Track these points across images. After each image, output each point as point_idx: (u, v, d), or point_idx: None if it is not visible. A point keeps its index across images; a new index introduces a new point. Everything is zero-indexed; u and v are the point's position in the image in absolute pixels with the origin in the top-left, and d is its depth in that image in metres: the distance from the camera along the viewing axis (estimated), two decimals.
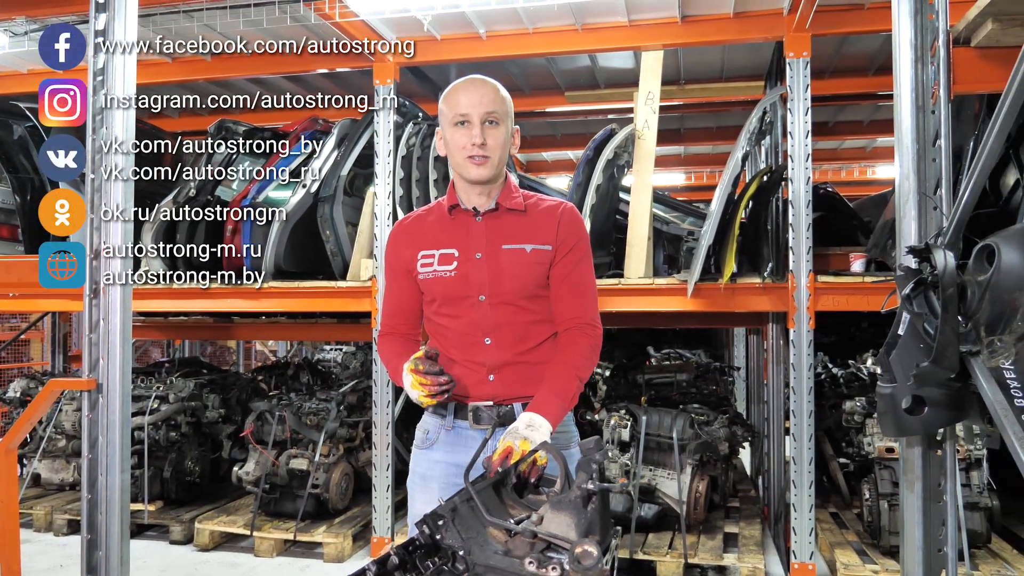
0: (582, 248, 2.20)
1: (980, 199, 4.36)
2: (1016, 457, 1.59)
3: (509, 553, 1.47)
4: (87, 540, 2.61)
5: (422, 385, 1.94)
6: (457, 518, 1.50)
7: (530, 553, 1.45)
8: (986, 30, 2.12)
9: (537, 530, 1.49)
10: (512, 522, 1.53)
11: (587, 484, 1.48)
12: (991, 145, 1.62)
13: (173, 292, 4.95)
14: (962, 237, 1.93)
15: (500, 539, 1.52)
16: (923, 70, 2.13)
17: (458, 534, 1.48)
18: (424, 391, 1.95)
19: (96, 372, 2.62)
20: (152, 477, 5.09)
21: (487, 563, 1.45)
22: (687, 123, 7.00)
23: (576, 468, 1.53)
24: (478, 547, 1.47)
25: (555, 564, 1.40)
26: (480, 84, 2.13)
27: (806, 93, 4.25)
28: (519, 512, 1.68)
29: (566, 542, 1.43)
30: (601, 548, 1.50)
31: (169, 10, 3.92)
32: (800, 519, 4.25)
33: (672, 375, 5.88)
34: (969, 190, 1.73)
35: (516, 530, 1.50)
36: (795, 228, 4.25)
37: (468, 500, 1.54)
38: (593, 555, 1.35)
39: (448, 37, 4.68)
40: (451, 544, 1.47)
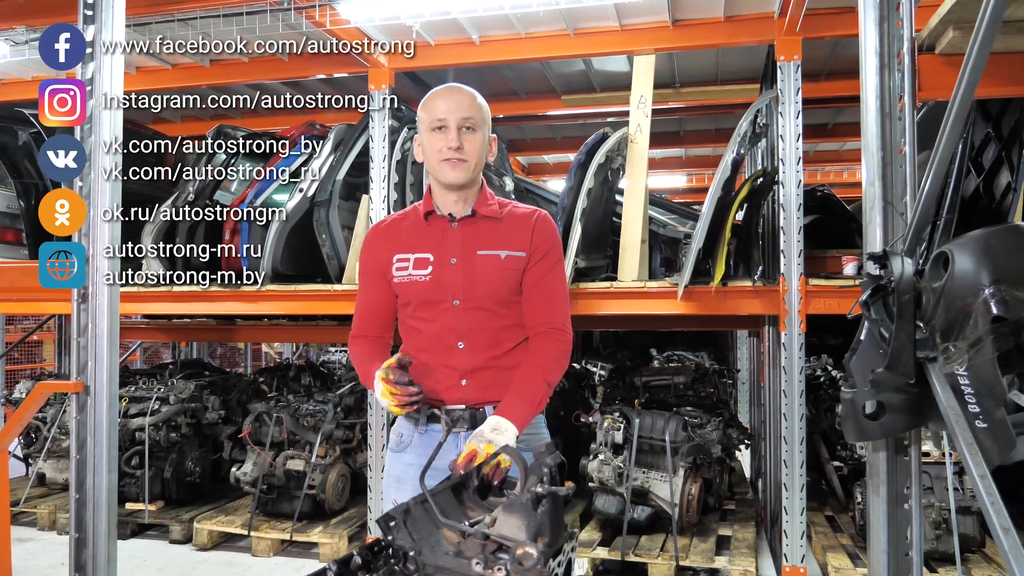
0: (554, 255, 2.24)
1: (974, 202, 4.36)
2: (964, 461, 1.61)
3: (461, 554, 1.51)
4: (75, 539, 2.67)
5: (392, 395, 1.97)
6: (409, 519, 1.54)
7: (481, 554, 1.48)
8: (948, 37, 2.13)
9: (489, 532, 1.52)
10: (467, 524, 1.57)
11: (536, 487, 1.51)
12: (941, 152, 1.64)
13: (173, 295, 5.02)
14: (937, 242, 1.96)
15: (453, 540, 1.55)
16: (889, 77, 2.15)
17: (409, 535, 1.52)
18: (394, 400, 1.98)
19: (84, 375, 2.68)
20: (153, 477, 5.16)
21: (436, 563, 1.49)
22: (686, 126, 7.01)
23: (524, 471, 1.56)
24: (428, 548, 1.51)
25: (501, 565, 1.43)
26: (457, 91, 2.18)
27: (797, 96, 4.26)
28: (479, 514, 1.71)
29: (516, 543, 1.47)
30: (551, 550, 1.53)
31: (164, 18, 3.98)
32: (792, 522, 4.26)
33: (669, 378, 5.90)
34: (923, 197, 1.75)
35: (469, 532, 1.54)
36: (786, 231, 4.26)
37: (423, 502, 1.58)
38: (533, 556, 1.38)
39: (442, 42, 4.73)
40: (402, 545, 1.50)
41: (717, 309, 4.36)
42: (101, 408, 2.66)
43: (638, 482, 4.58)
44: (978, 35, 1.37)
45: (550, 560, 1.52)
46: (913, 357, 1.79)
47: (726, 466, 5.18)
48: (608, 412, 4.79)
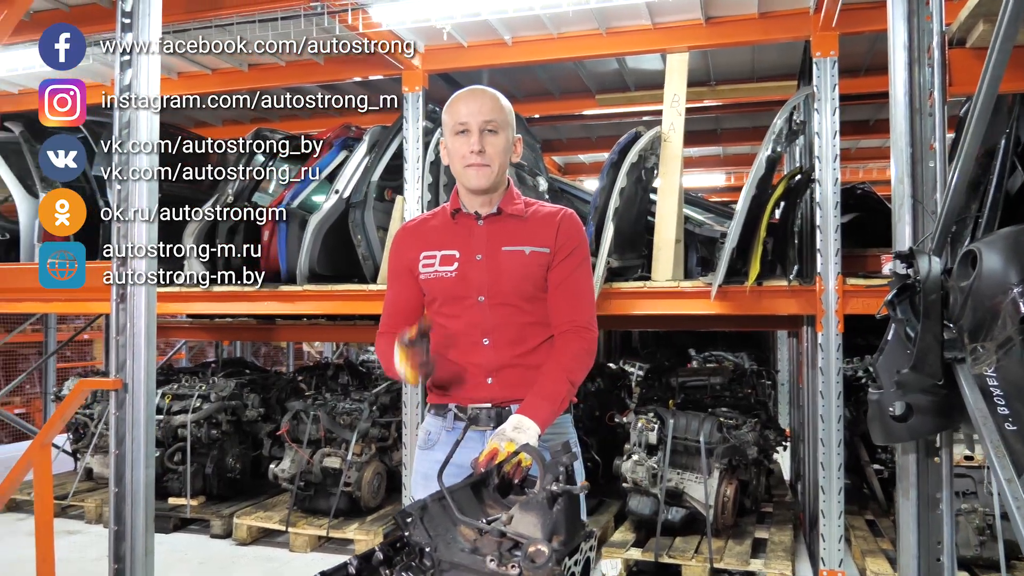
0: (580, 253, 2.24)
1: (1021, 199, 4.24)
2: (991, 465, 1.58)
3: (477, 551, 1.52)
4: (115, 532, 2.75)
5: (406, 359, 1.98)
6: (426, 516, 1.56)
7: (496, 551, 1.50)
8: (978, 31, 2.08)
9: (505, 529, 1.53)
10: (484, 521, 1.58)
11: (551, 486, 1.52)
12: (967, 148, 1.61)
13: (213, 295, 5.13)
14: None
15: (470, 537, 1.56)
16: (919, 72, 2.11)
17: (425, 531, 1.53)
18: (409, 370, 1.99)
19: (123, 372, 2.75)
20: (195, 473, 5.28)
21: (452, 560, 1.50)
22: (723, 124, 6.95)
23: (543, 470, 1.57)
24: (444, 544, 1.53)
25: (515, 562, 1.44)
26: (479, 94, 2.19)
27: (834, 92, 4.19)
28: (498, 512, 1.72)
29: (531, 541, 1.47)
30: (567, 548, 1.54)
31: (202, 24, 4.07)
32: (829, 525, 4.19)
33: (705, 378, 5.84)
34: (950, 195, 1.72)
35: (485, 529, 1.55)
36: (823, 230, 4.20)
37: (440, 499, 1.59)
38: (545, 553, 1.39)
39: (475, 44, 4.75)
40: (418, 541, 1.52)
41: (752, 309, 4.32)
42: (139, 405, 2.73)
43: (672, 483, 4.55)
44: (1000, 28, 1.34)
45: (565, 559, 1.53)
46: (940, 358, 1.76)
47: (763, 468, 5.12)
48: (642, 412, 4.77)
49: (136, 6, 2.78)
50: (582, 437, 5.52)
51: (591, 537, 1.70)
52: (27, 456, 2.75)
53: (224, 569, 4.59)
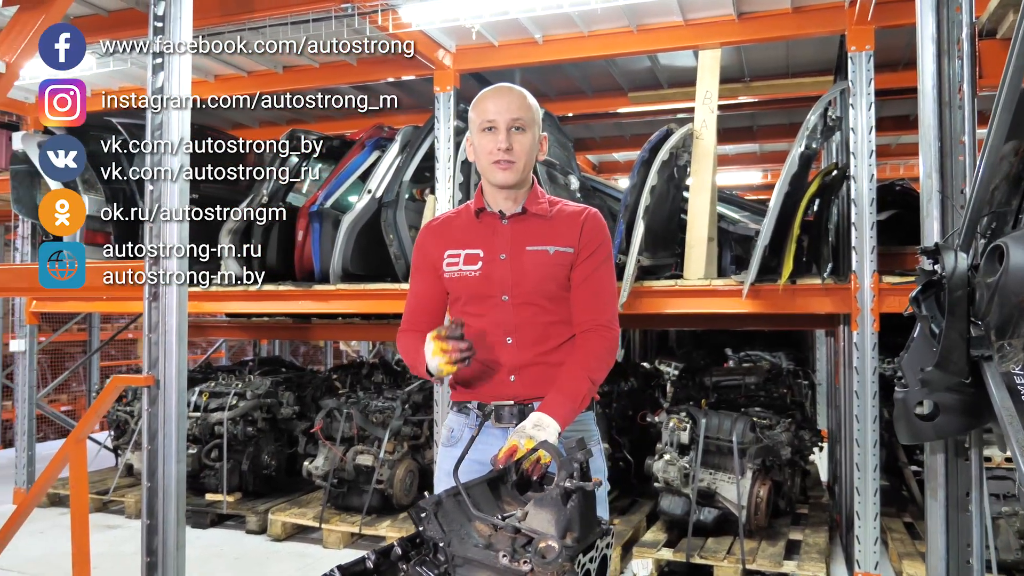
0: (603, 252, 2.23)
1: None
2: (1016, 465, 1.54)
3: (491, 547, 1.52)
4: (147, 525, 2.81)
5: (444, 352, 1.96)
6: (441, 511, 1.56)
7: (510, 547, 1.50)
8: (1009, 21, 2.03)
9: (519, 525, 1.54)
10: (499, 517, 1.58)
11: (565, 482, 1.52)
12: (992, 141, 1.57)
13: (249, 294, 5.21)
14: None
15: (484, 533, 1.57)
16: (949, 64, 2.06)
17: (439, 527, 1.54)
18: (445, 357, 1.96)
19: (155, 369, 2.81)
20: (231, 470, 5.37)
21: (465, 555, 1.51)
22: (759, 121, 6.86)
23: (557, 467, 1.57)
24: (458, 539, 1.53)
25: (527, 558, 1.44)
26: (507, 92, 2.19)
27: (869, 87, 4.12)
28: (515, 508, 1.73)
29: (543, 537, 1.47)
30: (580, 545, 1.53)
31: (237, 27, 4.14)
32: (864, 527, 4.13)
33: (740, 378, 5.78)
34: (976, 189, 1.68)
35: (500, 525, 1.55)
36: (858, 227, 4.13)
37: (456, 495, 1.60)
38: (555, 549, 1.39)
39: (505, 43, 4.76)
40: (432, 536, 1.53)
41: (785, 308, 4.26)
42: (171, 401, 2.79)
43: (704, 483, 4.51)
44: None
45: (579, 555, 1.53)
46: (965, 355, 1.72)
47: (798, 469, 5.05)
48: (674, 412, 4.73)
49: (168, 10, 2.84)
50: (614, 436, 5.50)
51: (608, 534, 1.70)
52: (63, 450, 2.82)
53: (258, 565, 4.66)
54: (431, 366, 2.00)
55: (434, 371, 2.00)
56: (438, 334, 1.98)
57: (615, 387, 5.78)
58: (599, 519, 1.70)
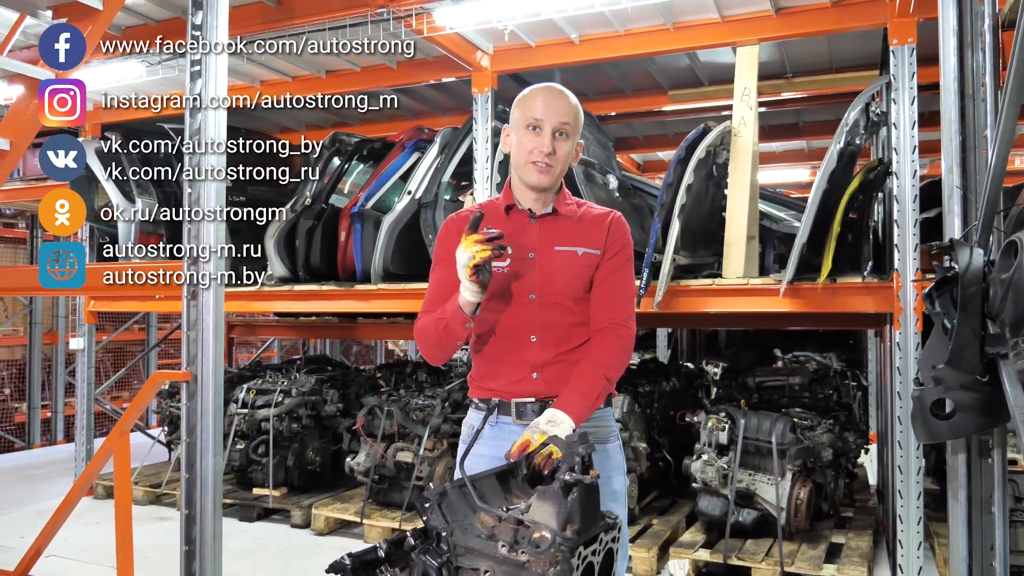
0: (624, 254, 2.23)
1: None
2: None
3: (493, 538, 1.56)
4: (186, 515, 2.92)
5: (477, 242, 1.91)
6: (445, 502, 1.60)
7: (513, 538, 1.53)
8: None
9: (522, 517, 1.56)
10: (504, 509, 1.61)
11: (565, 475, 1.54)
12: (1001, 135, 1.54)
13: (294, 294, 5.34)
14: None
15: (488, 524, 1.60)
16: (972, 56, 2.02)
17: (443, 517, 1.58)
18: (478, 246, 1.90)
19: (194, 365, 2.92)
20: (277, 465, 5.50)
21: (466, 544, 1.54)
22: (805, 117, 6.75)
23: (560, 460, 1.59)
24: (461, 530, 1.57)
25: (525, 549, 1.47)
26: (558, 94, 2.15)
27: (912, 81, 4.03)
28: (524, 501, 1.76)
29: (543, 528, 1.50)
30: (581, 538, 1.55)
31: (278, 34, 4.25)
32: (907, 531, 4.04)
33: (784, 378, 5.70)
34: (990, 184, 1.65)
35: (503, 516, 1.58)
36: (900, 224, 4.05)
37: (461, 486, 1.64)
38: (548, 539, 1.42)
39: (542, 43, 4.79)
40: (435, 525, 1.57)
41: (824, 306, 4.20)
42: (208, 396, 2.89)
43: (743, 484, 4.46)
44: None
45: (580, 548, 1.55)
46: (979, 352, 1.69)
47: (842, 471, 4.96)
48: (713, 412, 4.69)
49: (205, 19, 2.94)
50: (654, 437, 5.47)
51: (614, 528, 1.71)
52: (108, 443, 2.95)
53: (301, 558, 4.77)
54: (463, 259, 1.91)
55: (466, 262, 1.91)
56: (467, 233, 1.92)
57: (656, 387, 5.75)
58: (606, 513, 1.72)
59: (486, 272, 1.94)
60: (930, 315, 1.78)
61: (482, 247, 1.90)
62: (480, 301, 2.02)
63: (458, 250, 1.95)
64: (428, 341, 2.17)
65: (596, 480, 1.57)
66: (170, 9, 4.49)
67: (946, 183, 2.03)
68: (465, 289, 1.99)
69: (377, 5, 3.97)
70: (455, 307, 2.04)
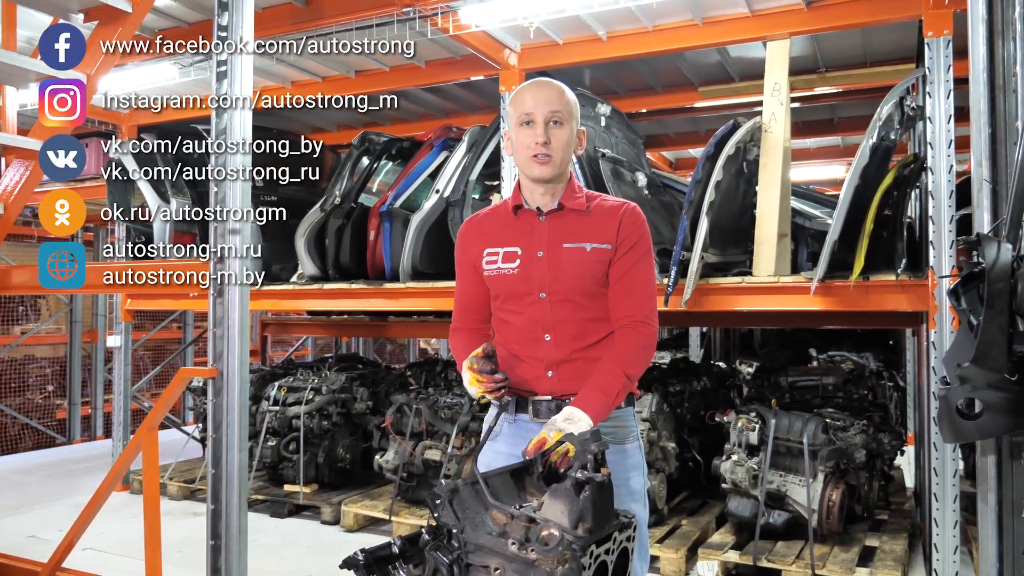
0: (642, 247, 2.21)
1: None
2: None
3: (504, 535, 1.55)
4: (211, 511, 2.95)
5: (478, 383, 2.04)
6: (457, 499, 1.60)
7: (524, 535, 1.52)
8: None
9: (534, 515, 1.56)
10: (515, 507, 1.60)
11: (577, 473, 1.53)
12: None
13: (324, 292, 5.38)
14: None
15: (500, 522, 1.59)
16: (1003, 46, 1.97)
17: (454, 514, 1.58)
18: (480, 388, 2.04)
19: (220, 362, 2.95)
20: (308, 462, 5.55)
21: (477, 542, 1.54)
22: (840, 112, 6.63)
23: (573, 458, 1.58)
24: (472, 527, 1.56)
25: (535, 547, 1.46)
26: (545, 86, 2.20)
27: (948, 74, 3.93)
28: (537, 499, 1.75)
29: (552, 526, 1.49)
30: (592, 536, 1.54)
31: (307, 34, 4.29)
32: (943, 535, 3.94)
33: (817, 378, 5.61)
34: (1018, 177, 1.60)
35: (515, 514, 1.58)
36: (936, 220, 3.95)
37: (474, 483, 1.63)
38: (556, 537, 1.40)
39: (570, 41, 4.77)
40: (445, 522, 1.57)
41: (857, 305, 4.12)
42: (234, 392, 2.92)
43: (774, 485, 4.40)
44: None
45: (592, 546, 1.53)
46: (1006, 350, 1.64)
47: (876, 473, 4.86)
48: (743, 412, 4.63)
49: (230, 20, 2.97)
50: (684, 437, 5.42)
51: (629, 527, 1.70)
52: (136, 439, 3.00)
53: (330, 554, 4.80)
54: (470, 392, 2.08)
55: (473, 396, 2.09)
56: (471, 365, 2.05)
57: (687, 386, 5.70)
58: (622, 512, 1.71)
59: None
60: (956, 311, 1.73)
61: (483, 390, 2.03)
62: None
63: (463, 373, 2.09)
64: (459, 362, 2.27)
65: (607, 478, 1.55)
66: (201, 11, 4.56)
67: (975, 176, 1.97)
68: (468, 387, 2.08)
69: (403, 4, 3.99)
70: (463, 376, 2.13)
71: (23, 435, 8.36)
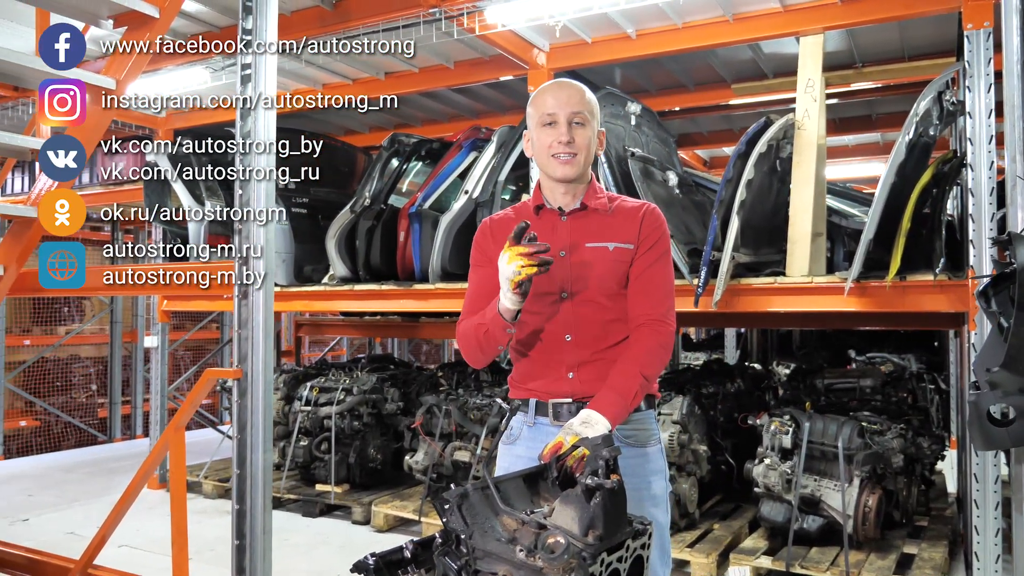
0: (660, 247, 2.18)
1: None
2: None
3: (514, 541, 1.52)
4: (237, 510, 2.97)
5: (521, 255, 1.87)
6: (466, 504, 1.57)
7: (533, 542, 1.49)
8: None
9: (544, 521, 1.53)
10: (526, 513, 1.58)
11: (587, 479, 1.50)
12: None
13: (355, 293, 5.41)
14: None
15: (511, 527, 1.57)
16: None
17: (462, 519, 1.55)
18: (523, 260, 1.87)
19: (245, 363, 2.97)
20: (339, 462, 5.59)
21: (485, 548, 1.51)
22: (878, 108, 6.47)
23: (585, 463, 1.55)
24: (481, 533, 1.54)
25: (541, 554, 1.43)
26: (567, 86, 2.19)
27: (988, 68, 3.80)
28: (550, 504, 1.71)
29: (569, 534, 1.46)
30: (604, 544, 1.50)
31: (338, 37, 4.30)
32: (984, 542, 3.80)
33: (854, 380, 5.48)
34: None
35: (525, 520, 1.55)
36: (976, 219, 3.82)
37: (484, 488, 1.61)
38: (562, 544, 1.37)
39: (598, 39, 4.73)
40: (454, 527, 1.54)
41: (893, 306, 4.01)
42: (258, 393, 2.94)
43: (808, 490, 4.31)
44: None
45: (603, 554, 1.50)
46: None
47: (915, 478, 4.74)
48: (776, 415, 4.55)
49: (255, 23, 3.00)
50: (716, 439, 5.34)
51: (644, 534, 1.66)
52: (164, 438, 3.03)
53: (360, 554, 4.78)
54: (507, 273, 1.88)
55: (510, 276, 1.88)
56: (512, 244, 1.89)
57: (720, 388, 5.61)
58: (637, 518, 1.67)
59: (528, 283, 1.91)
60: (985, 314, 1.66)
61: (527, 262, 1.86)
62: (520, 308, 2.00)
63: (501, 259, 1.92)
64: (469, 346, 2.17)
65: (618, 484, 1.51)
66: (231, 16, 4.61)
67: (1008, 172, 1.90)
68: (505, 298, 1.96)
69: (429, 5, 3.99)
70: (495, 313, 2.02)
71: (66, 433, 8.55)
